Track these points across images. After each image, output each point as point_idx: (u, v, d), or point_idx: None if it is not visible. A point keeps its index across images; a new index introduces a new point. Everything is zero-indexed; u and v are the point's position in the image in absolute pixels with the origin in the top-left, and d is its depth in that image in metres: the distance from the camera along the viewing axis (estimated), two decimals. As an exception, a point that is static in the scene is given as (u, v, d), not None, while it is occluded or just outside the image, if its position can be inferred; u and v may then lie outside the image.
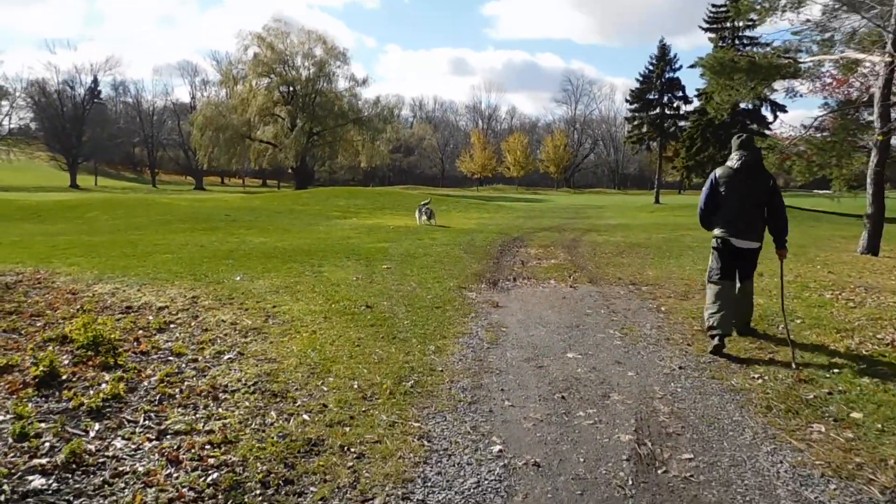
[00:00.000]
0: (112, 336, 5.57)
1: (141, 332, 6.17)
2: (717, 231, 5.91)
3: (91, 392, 4.36)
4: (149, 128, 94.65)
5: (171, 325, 6.47)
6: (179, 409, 4.12)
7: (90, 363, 4.97)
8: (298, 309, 7.20)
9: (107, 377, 4.67)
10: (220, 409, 4.13)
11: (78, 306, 7.20)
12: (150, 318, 6.78)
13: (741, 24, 39.44)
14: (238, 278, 9.29)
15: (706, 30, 43.69)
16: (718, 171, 5.90)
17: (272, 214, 21.91)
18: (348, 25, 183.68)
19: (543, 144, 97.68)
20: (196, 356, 5.33)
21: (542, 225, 21.29)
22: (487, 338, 5.99)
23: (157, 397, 4.31)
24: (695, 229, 19.33)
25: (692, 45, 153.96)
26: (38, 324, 6.46)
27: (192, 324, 6.56)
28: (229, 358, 5.30)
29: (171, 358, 5.28)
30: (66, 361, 5.01)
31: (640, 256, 12.20)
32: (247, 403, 4.26)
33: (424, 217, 20.42)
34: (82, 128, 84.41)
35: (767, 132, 38.83)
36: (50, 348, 5.31)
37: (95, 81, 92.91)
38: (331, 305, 7.40)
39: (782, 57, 15.34)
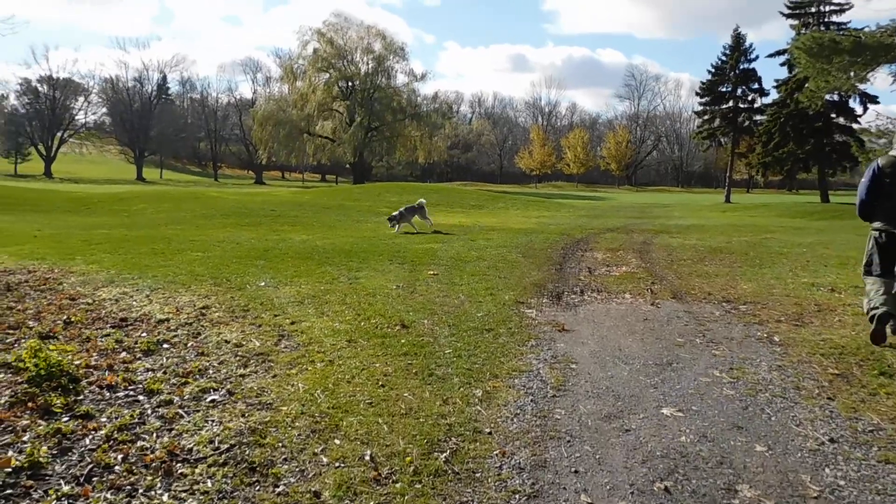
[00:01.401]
0: (72, 365, 4.41)
1: (122, 355, 5.01)
2: (878, 223, 5.62)
3: (3, 454, 3.18)
4: (213, 123, 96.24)
5: (163, 346, 5.30)
6: (107, 496, 2.87)
7: (30, 404, 3.80)
8: (320, 327, 5.94)
9: (40, 428, 3.49)
10: (164, 497, 2.86)
11: (65, 316, 6.13)
12: (143, 335, 5.64)
13: (828, 8, 36.51)
14: (262, 284, 8.14)
15: (788, 16, 40.57)
16: (882, 161, 5.53)
17: (320, 210, 20.93)
18: (408, 22, 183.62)
19: (605, 141, 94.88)
20: (172, 395, 4.11)
21: (608, 225, 19.58)
22: (552, 379, 4.55)
23: (87, 470, 3.07)
24: (778, 232, 17.33)
25: (760, 38, 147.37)
26: (10, 339, 5.40)
27: (189, 344, 5.37)
28: (213, 400, 4.05)
29: (139, 398, 4.07)
30: (2, 401, 3.86)
31: (726, 264, 10.49)
32: (207, 485, 2.98)
33: (398, 224, 15.58)
34: (150, 123, 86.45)
35: (855, 125, 35.83)
36: (-8, 380, 4.19)
37: (164, 78, 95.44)
38: (360, 323, 6.11)
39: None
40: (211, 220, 17.22)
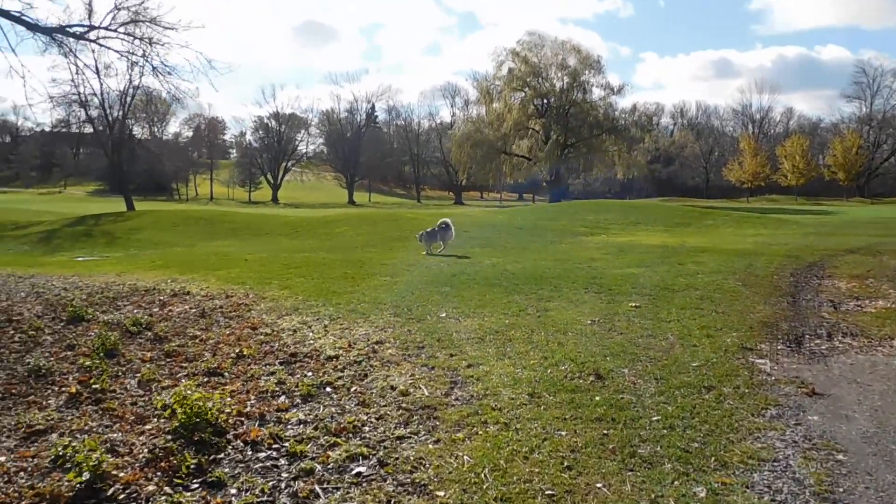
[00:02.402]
0: (223, 414, 4.01)
1: (280, 400, 4.57)
2: None
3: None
4: (415, 147, 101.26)
5: (325, 391, 4.80)
6: None
7: (163, 463, 3.39)
8: (500, 373, 5.10)
9: (162, 499, 3.03)
10: None
11: (239, 349, 5.93)
12: (308, 374, 5.21)
13: None
14: (443, 315, 7.53)
15: None
16: None
17: (512, 231, 20.30)
18: (602, 36, 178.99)
19: (829, 148, 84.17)
20: (315, 461, 3.49)
21: (845, 245, 16.55)
22: (811, 478, 3.23)
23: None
24: None
25: None
26: (180, 374, 5.25)
27: (352, 389, 4.81)
28: (358, 473, 3.36)
29: (279, 462, 3.51)
30: (141, 455, 3.51)
31: None
32: None
33: (430, 241, 14.29)
34: (359, 150, 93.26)
35: None
36: (142, 427, 3.90)
37: (372, 108, 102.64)
38: (546, 370, 5.17)
39: None
40: (404, 243, 17.32)
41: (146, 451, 3.54)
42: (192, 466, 3.37)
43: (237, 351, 5.88)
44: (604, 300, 8.30)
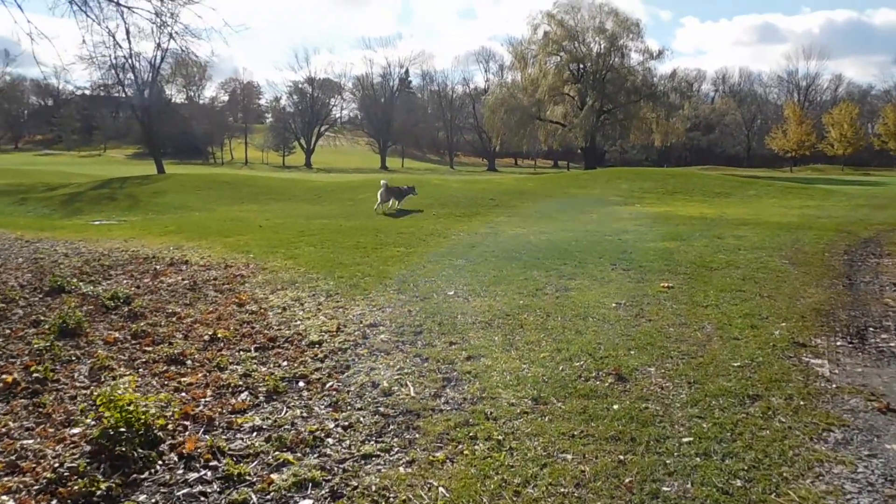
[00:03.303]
0: (163, 418, 3.33)
1: (241, 398, 3.88)
2: None
3: None
4: (449, 113, 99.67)
5: (296, 386, 4.10)
6: None
7: (64, 489, 2.72)
8: (502, 369, 4.33)
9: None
10: None
11: (214, 330, 5.27)
12: (283, 364, 4.52)
13: None
14: (451, 293, 6.78)
15: None
16: None
17: (542, 199, 19.33)
18: (642, 0, 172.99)
19: (880, 116, 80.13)
20: (251, 490, 2.79)
21: (903, 219, 15.27)
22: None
23: None
24: None
25: None
26: (139, 361, 4.61)
27: (328, 386, 4.10)
28: (303, 510, 2.66)
29: (209, 489, 2.82)
30: (45, 475, 2.84)
31: None
32: None
33: (383, 202, 16.39)
34: (392, 115, 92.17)
35: None
36: (67, 431, 3.24)
37: (406, 72, 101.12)
38: (557, 366, 4.39)
39: None
40: (428, 210, 16.54)
41: (51, 472, 2.87)
42: (100, 494, 2.70)
43: (212, 332, 5.21)
44: (632, 279, 7.44)
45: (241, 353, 4.79)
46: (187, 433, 3.35)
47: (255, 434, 3.39)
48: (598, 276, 7.55)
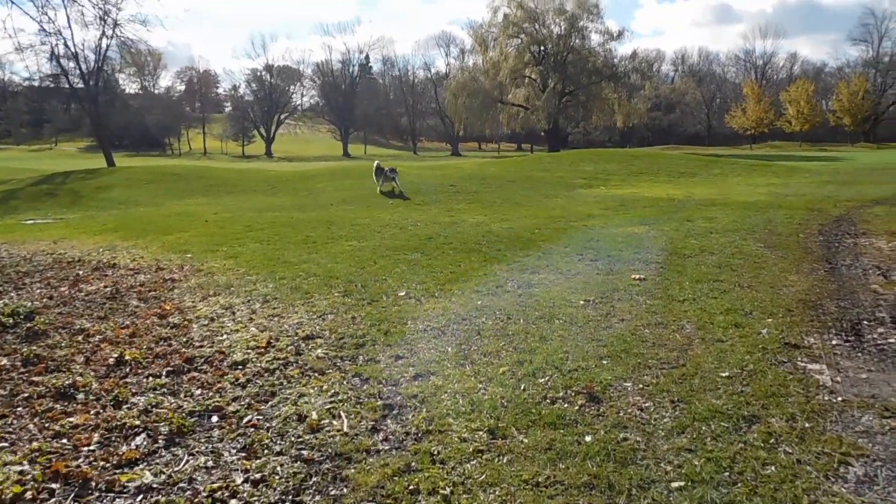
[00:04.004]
0: (14, 485, 2.60)
1: (135, 443, 3.17)
2: None
3: None
4: (411, 98, 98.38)
5: (208, 423, 3.40)
6: None
7: None
8: (455, 390, 3.68)
9: None
10: None
11: (121, 352, 4.50)
12: (196, 391, 3.81)
13: None
14: (403, 293, 6.10)
15: None
16: None
17: (504, 184, 18.69)
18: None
19: (835, 93, 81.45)
20: None
21: (868, 195, 14.98)
22: None
23: None
24: None
25: None
26: (19, 397, 3.84)
27: (245, 421, 3.40)
28: None
29: None
30: None
31: None
32: None
33: (385, 182, 16.67)
34: (354, 101, 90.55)
35: None
36: None
37: (367, 58, 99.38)
38: (519, 384, 3.74)
39: None
40: (384, 199, 15.78)
41: None
42: None
43: (119, 354, 4.45)
44: (601, 270, 6.85)
45: (150, 379, 4.05)
46: (52, 502, 2.62)
47: (140, 499, 2.68)
48: (563, 269, 6.95)
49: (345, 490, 2.70)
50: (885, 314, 4.91)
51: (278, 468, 2.89)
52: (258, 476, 2.82)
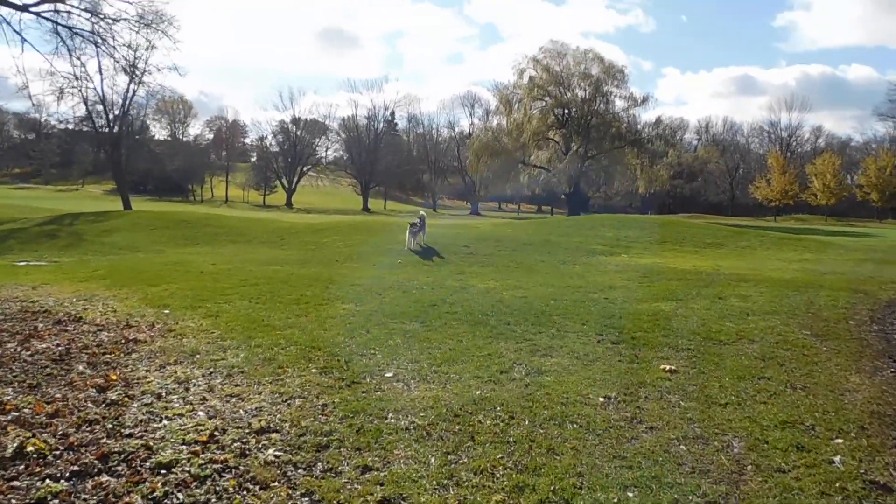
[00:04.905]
0: None
1: None
2: None
3: None
4: (433, 155, 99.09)
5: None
6: None
7: None
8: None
9: None
10: None
11: (31, 436, 3.60)
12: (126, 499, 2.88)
13: None
14: (390, 374, 5.19)
15: None
16: None
17: (520, 247, 17.81)
18: (624, 49, 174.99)
19: (862, 167, 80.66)
20: None
21: (913, 277, 13.89)
22: None
23: None
24: None
25: None
26: None
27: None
28: None
29: None
30: None
31: None
32: None
33: (413, 238, 16.04)
34: (377, 156, 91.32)
35: None
36: None
37: (392, 115, 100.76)
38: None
39: None
40: (393, 258, 14.97)
41: None
42: None
43: (20, 443, 3.56)
44: (624, 357, 5.88)
45: (39, 485, 3.14)
46: None
47: None
48: (580, 353, 5.99)
49: None
50: None
51: None
52: None
